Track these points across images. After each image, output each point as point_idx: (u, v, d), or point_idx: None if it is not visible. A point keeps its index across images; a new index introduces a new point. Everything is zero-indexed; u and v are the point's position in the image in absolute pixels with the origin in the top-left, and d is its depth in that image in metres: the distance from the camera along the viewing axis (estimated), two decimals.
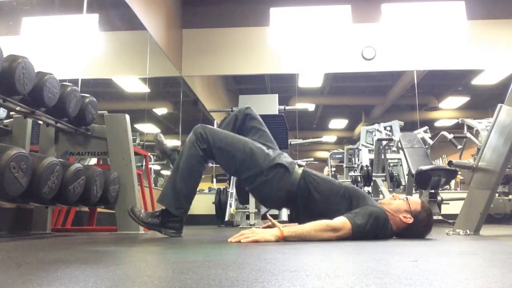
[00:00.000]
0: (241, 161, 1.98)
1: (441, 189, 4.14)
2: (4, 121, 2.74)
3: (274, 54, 6.20)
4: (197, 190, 2.12)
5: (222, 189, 5.24)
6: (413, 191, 4.60)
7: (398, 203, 1.94)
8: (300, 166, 1.99)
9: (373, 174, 5.33)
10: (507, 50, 5.95)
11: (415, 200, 1.97)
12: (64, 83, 2.31)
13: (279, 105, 4.65)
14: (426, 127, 5.29)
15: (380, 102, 8.01)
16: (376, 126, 6.48)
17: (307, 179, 1.94)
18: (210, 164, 2.15)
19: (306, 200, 1.93)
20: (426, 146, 4.75)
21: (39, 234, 2.47)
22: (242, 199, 4.31)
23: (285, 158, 2.03)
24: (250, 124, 2.18)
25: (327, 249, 1.36)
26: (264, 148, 2.03)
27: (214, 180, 6.89)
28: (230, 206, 4.66)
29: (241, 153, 1.99)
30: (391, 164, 6.03)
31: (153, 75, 5.29)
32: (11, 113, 2.56)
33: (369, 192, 5.41)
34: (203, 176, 2.13)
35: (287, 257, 1.06)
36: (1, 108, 2.35)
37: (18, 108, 2.05)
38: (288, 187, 1.93)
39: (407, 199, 1.95)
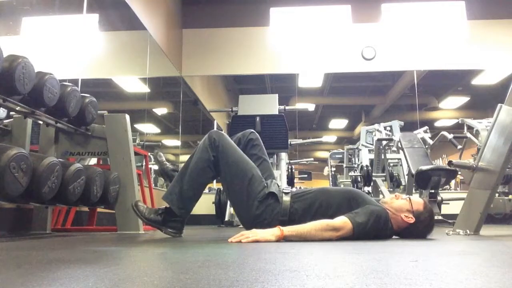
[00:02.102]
0: (240, 182, 1.98)
1: (441, 189, 4.15)
2: (4, 121, 2.74)
3: (274, 54, 6.20)
4: (202, 193, 2.11)
5: (222, 189, 5.23)
6: (413, 191, 4.60)
7: (400, 203, 1.94)
8: (286, 193, 1.99)
9: (373, 174, 5.33)
10: (507, 50, 5.95)
11: (418, 200, 1.97)
12: (64, 83, 2.31)
13: (279, 105, 4.65)
14: (426, 127, 5.30)
15: (380, 102, 8.01)
16: (376, 126, 6.48)
17: (297, 203, 1.95)
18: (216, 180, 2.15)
19: (302, 219, 1.91)
20: (426, 146, 4.75)
21: (39, 234, 2.46)
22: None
23: (275, 185, 2.03)
24: (252, 151, 2.18)
25: (327, 249, 1.36)
26: (263, 179, 2.04)
27: (214, 180, 6.88)
28: (230, 206, 4.66)
29: (242, 173, 1.99)
30: (391, 164, 6.03)
31: (153, 75, 5.29)
32: (11, 113, 2.56)
33: (369, 192, 5.40)
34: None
35: (287, 257, 1.06)
36: (1, 108, 2.35)
37: (18, 108, 2.05)
38: (280, 217, 1.92)
39: (409, 198, 1.95)
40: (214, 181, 6.88)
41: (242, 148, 2.17)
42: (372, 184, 5.38)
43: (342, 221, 1.75)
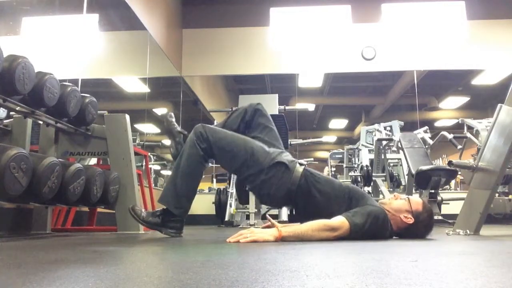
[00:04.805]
0: (242, 160, 1.98)
1: (441, 189, 4.14)
2: (4, 121, 2.74)
3: (274, 54, 6.20)
4: (197, 190, 2.12)
5: (222, 189, 5.24)
6: (413, 191, 4.60)
7: (399, 203, 1.94)
8: (301, 165, 1.98)
9: (373, 174, 5.33)
10: (507, 50, 5.95)
11: (417, 200, 1.97)
12: (64, 83, 2.31)
13: (279, 105, 4.65)
14: (426, 127, 5.30)
15: (380, 102, 8.01)
16: (376, 126, 6.48)
17: (308, 179, 1.94)
18: (210, 164, 2.14)
19: (307, 199, 1.92)
20: (426, 146, 4.75)
21: (39, 234, 2.46)
22: (243, 199, 4.30)
23: (286, 156, 2.03)
24: (259, 121, 2.18)
25: (327, 249, 1.36)
26: (265, 147, 2.03)
27: (214, 180, 6.89)
28: (230, 206, 4.66)
29: (242, 152, 1.99)
30: (391, 164, 6.03)
31: (153, 75, 5.29)
32: (11, 113, 2.56)
33: (369, 192, 5.40)
34: (203, 176, 2.13)
35: (287, 257, 1.06)
36: (1, 108, 2.35)
37: (18, 108, 2.05)
38: (288, 185, 1.92)
39: (408, 199, 1.95)
40: (214, 181, 6.91)
41: (249, 118, 2.16)
42: (372, 184, 5.38)
43: (340, 221, 1.74)
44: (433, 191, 3.96)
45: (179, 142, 2.16)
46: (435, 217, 3.43)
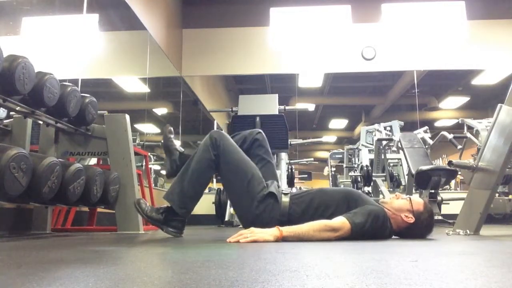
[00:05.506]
0: (239, 181, 1.99)
1: (441, 189, 4.14)
2: (4, 121, 2.74)
3: (274, 54, 6.20)
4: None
5: (222, 189, 5.23)
6: (413, 191, 4.60)
7: (400, 202, 1.95)
8: (285, 194, 1.99)
9: (373, 174, 5.33)
10: (507, 50, 5.95)
11: (418, 200, 1.98)
12: (64, 83, 2.31)
13: (279, 105, 4.65)
14: (426, 127, 5.30)
15: (380, 102, 8.01)
16: (376, 126, 6.48)
17: (295, 201, 1.96)
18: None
19: (300, 218, 1.91)
20: (426, 146, 4.75)
21: (39, 234, 2.46)
22: None
23: (275, 186, 2.03)
24: (256, 152, 2.16)
25: (327, 249, 1.36)
26: (263, 179, 2.03)
27: (214, 180, 6.89)
28: (230, 206, 4.66)
29: (241, 173, 2.00)
30: (391, 164, 6.03)
31: (153, 75, 5.29)
32: (11, 113, 2.56)
33: (369, 192, 5.41)
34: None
35: (287, 257, 1.06)
36: (1, 108, 2.35)
37: (18, 108, 2.05)
38: (278, 217, 1.93)
39: (410, 198, 1.96)
40: (214, 181, 6.91)
41: (247, 147, 2.16)
42: (372, 184, 5.38)
43: (341, 221, 1.75)
44: (433, 191, 3.96)
45: (175, 160, 2.16)
46: (435, 217, 3.43)
